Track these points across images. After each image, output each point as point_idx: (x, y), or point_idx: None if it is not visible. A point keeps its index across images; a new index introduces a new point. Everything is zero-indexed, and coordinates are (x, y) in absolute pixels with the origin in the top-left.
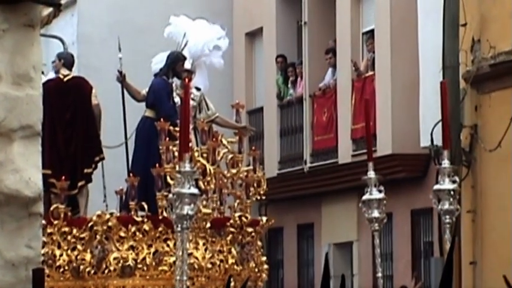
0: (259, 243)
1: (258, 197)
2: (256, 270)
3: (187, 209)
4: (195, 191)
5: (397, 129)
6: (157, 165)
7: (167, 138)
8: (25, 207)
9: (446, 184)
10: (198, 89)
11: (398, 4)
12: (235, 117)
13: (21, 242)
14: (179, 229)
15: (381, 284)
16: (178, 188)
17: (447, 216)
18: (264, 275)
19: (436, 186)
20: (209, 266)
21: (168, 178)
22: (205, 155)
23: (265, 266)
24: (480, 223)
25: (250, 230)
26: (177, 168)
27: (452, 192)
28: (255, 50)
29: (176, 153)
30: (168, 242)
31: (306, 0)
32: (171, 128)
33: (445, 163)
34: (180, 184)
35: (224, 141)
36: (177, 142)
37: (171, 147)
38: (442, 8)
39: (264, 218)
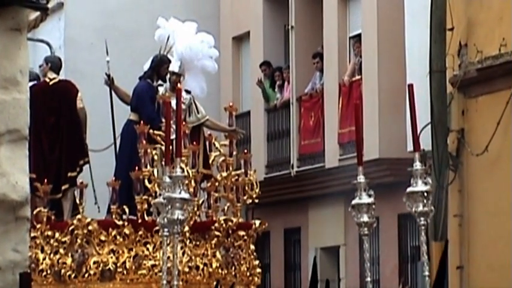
0: (252, 246)
1: (250, 200)
2: (248, 274)
3: (178, 214)
4: (186, 195)
5: (384, 134)
6: (136, 168)
7: (145, 142)
8: (12, 211)
9: (420, 186)
10: (187, 91)
11: (385, 8)
12: (228, 121)
13: (8, 246)
14: (167, 234)
15: None
16: (169, 192)
17: (422, 218)
18: (256, 279)
19: (409, 189)
20: (186, 269)
21: (146, 182)
22: (184, 158)
23: (258, 270)
24: (467, 227)
25: (242, 233)
26: (155, 172)
27: (425, 194)
28: (242, 54)
29: (155, 157)
30: (148, 246)
31: (293, 5)
32: (151, 131)
33: (417, 165)
34: (171, 189)
35: (217, 144)
36: (157, 145)
37: (149, 150)
38: (429, 12)
39: (257, 222)
